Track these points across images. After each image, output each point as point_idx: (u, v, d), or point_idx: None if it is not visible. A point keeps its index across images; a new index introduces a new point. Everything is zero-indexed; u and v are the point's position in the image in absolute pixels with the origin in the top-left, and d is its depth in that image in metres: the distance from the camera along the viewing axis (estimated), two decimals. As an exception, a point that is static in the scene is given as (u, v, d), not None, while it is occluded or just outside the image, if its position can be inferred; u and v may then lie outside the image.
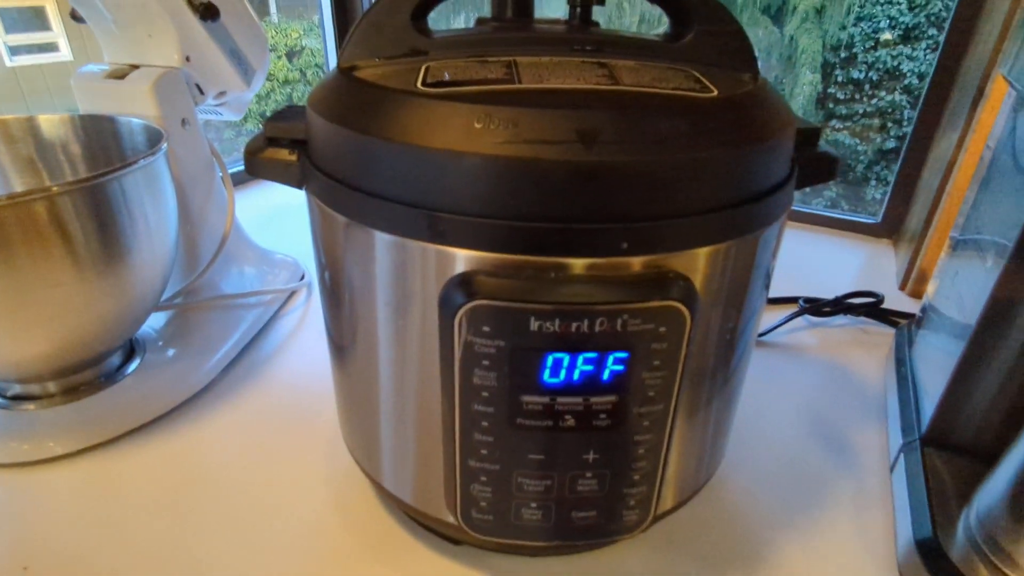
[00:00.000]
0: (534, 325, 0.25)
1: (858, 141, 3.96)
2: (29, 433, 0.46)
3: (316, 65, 4.53)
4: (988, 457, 0.37)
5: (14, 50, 3.23)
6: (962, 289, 0.42)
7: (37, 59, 3.32)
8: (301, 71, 4.56)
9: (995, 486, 0.34)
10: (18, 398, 0.48)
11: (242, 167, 0.91)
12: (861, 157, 3.95)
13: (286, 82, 4.42)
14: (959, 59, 0.70)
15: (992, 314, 0.37)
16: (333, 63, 1.12)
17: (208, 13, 0.53)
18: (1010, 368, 0.38)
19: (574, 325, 0.25)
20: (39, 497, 0.43)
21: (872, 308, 0.64)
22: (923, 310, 0.53)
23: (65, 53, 3.38)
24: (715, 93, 0.28)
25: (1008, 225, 0.36)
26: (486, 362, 0.26)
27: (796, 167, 0.31)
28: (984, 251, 0.40)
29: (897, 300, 0.68)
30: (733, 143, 0.26)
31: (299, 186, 0.33)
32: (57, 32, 3.34)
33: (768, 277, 0.33)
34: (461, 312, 0.25)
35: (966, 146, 0.60)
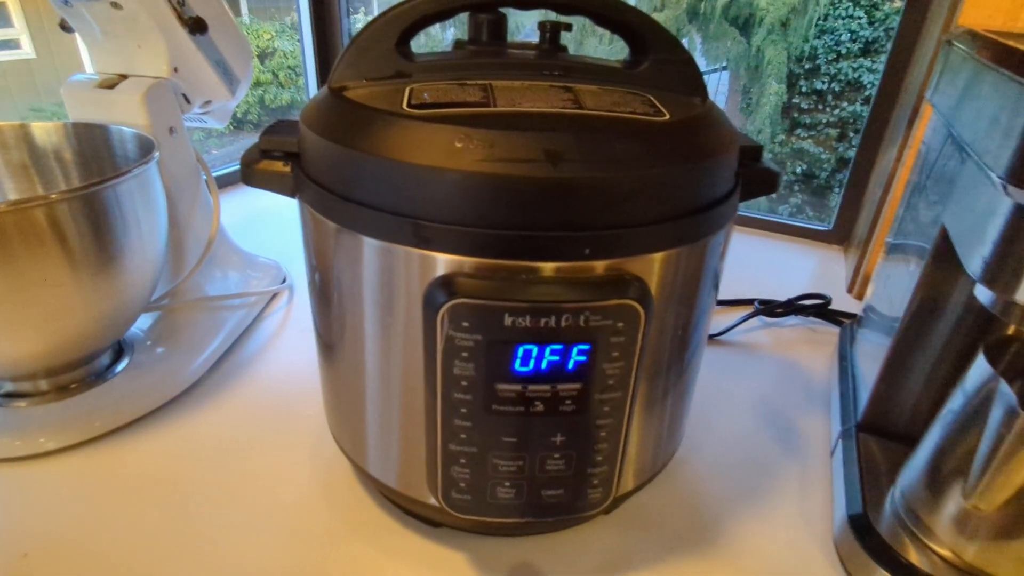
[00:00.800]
0: (508, 320, 0.28)
1: (821, 150, 4.09)
2: (21, 429, 0.48)
3: (288, 67, 4.51)
4: (915, 441, 0.42)
5: (-28, 47, 3.16)
6: (892, 290, 0.47)
7: (-3, 56, 3.25)
8: (273, 73, 4.53)
9: (915, 466, 0.39)
10: (10, 396, 0.50)
11: (222, 172, 0.93)
12: (824, 165, 4.08)
13: (257, 84, 4.39)
14: (901, 78, 0.76)
15: (915, 313, 0.42)
16: (311, 66, 1.14)
17: (197, 27, 0.55)
18: (933, 361, 0.43)
19: (543, 320, 0.29)
20: (33, 490, 0.45)
21: (821, 309, 0.69)
22: (863, 310, 0.57)
23: (28, 50, 3.32)
24: (667, 116, 0.32)
25: (927, 232, 0.41)
26: (465, 354, 0.30)
27: (740, 181, 0.35)
28: (909, 255, 0.44)
29: (845, 302, 0.73)
30: (682, 161, 0.30)
31: (292, 195, 0.35)
32: (19, 29, 3.27)
33: (717, 278, 0.37)
34: (443, 309, 0.29)
35: (904, 160, 0.65)
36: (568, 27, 0.41)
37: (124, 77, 0.55)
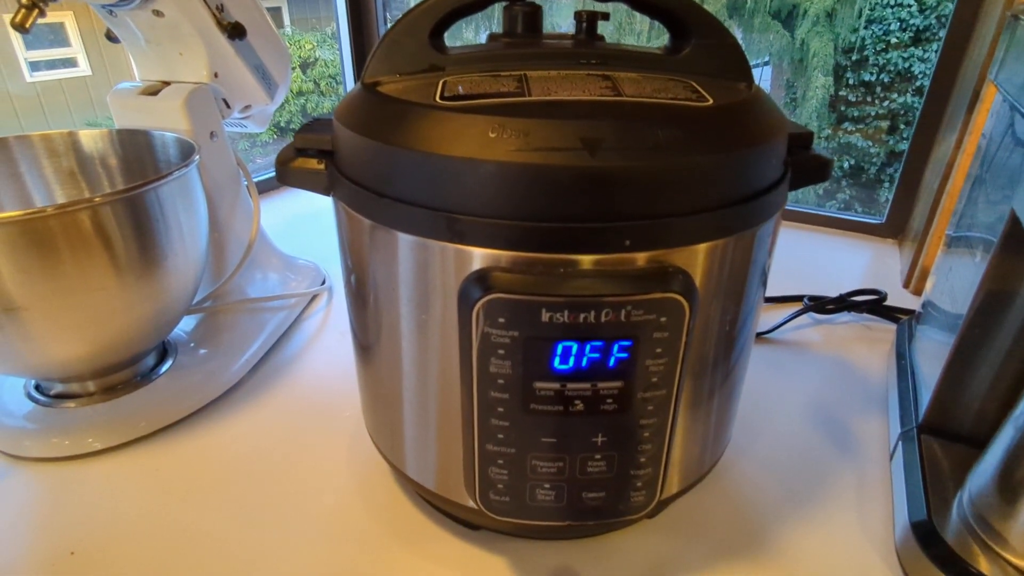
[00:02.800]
0: (545, 316, 0.27)
1: (870, 143, 3.94)
2: (70, 429, 0.49)
3: (330, 76, 4.59)
4: (982, 443, 0.39)
5: (34, 65, 3.32)
6: (955, 284, 0.44)
7: (56, 74, 3.40)
8: (315, 82, 4.62)
9: (985, 469, 0.36)
10: (60, 396, 0.51)
11: (264, 176, 0.94)
12: (873, 159, 3.94)
13: (300, 93, 4.48)
14: (958, 63, 0.72)
15: (981, 307, 0.39)
16: (350, 74, 1.16)
17: (236, 32, 0.56)
18: (1001, 357, 0.40)
19: (582, 316, 0.27)
20: (81, 489, 0.46)
21: (875, 305, 0.66)
22: (922, 306, 0.54)
23: (84, 68, 3.46)
24: (711, 102, 0.30)
25: (994, 222, 0.38)
26: (501, 351, 0.29)
27: (789, 169, 0.33)
28: (974, 247, 0.41)
29: (900, 297, 0.70)
30: (726, 148, 0.29)
31: (327, 193, 0.35)
32: (76, 48, 3.42)
33: (765, 273, 0.35)
34: (478, 305, 0.28)
35: (963, 147, 0.61)
36: (605, 16, 0.39)
37: (167, 84, 0.56)
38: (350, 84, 1.17)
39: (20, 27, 0.46)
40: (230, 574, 0.39)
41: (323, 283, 0.73)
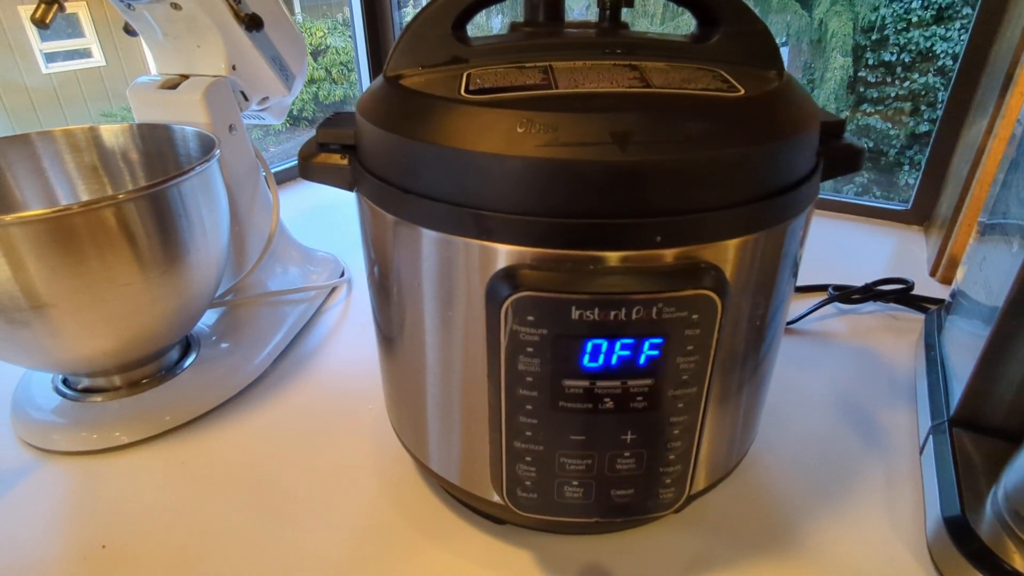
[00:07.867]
0: (575, 314, 0.27)
1: (890, 125, 3.87)
2: (98, 423, 0.49)
3: (341, 64, 4.58)
4: (1017, 437, 0.38)
5: (50, 57, 3.34)
6: (989, 273, 0.43)
7: (71, 65, 3.43)
8: (326, 69, 4.61)
9: (1021, 464, 0.35)
10: (87, 391, 0.52)
11: (279, 168, 0.94)
12: (893, 142, 3.87)
13: (312, 81, 4.48)
14: (989, 43, 0.70)
15: (1018, 297, 0.38)
16: (364, 61, 1.15)
17: (253, 24, 0.55)
18: (1038, 350, 0.39)
19: (612, 313, 0.27)
20: (109, 482, 0.46)
21: (902, 294, 0.65)
22: (952, 295, 0.53)
23: (98, 59, 3.48)
24: (741, 92, 0.29)
25: (1034, 210, 0.37)
26: (530, 349, 0.28)
27: (821, 160, 0.33)
28: (1010, 235, 0.40)
29: (927, 286, 0.69)
30: (759, 140, 0.28)
31: (350, 188, 0.35)
32: (90, 38, 3.43)
33: (796, 266, 0.34)
34: (507, 303, 0.27)
35: (995, 131, 0.60)
36: (630, 2, 0.38)
37: (185, 77, 0.56)
38: (364, 71, 1.17)
39: (40, 23, 0.46)
40: (255, 566, 0.39)
41: (342, 275, 0.73)
